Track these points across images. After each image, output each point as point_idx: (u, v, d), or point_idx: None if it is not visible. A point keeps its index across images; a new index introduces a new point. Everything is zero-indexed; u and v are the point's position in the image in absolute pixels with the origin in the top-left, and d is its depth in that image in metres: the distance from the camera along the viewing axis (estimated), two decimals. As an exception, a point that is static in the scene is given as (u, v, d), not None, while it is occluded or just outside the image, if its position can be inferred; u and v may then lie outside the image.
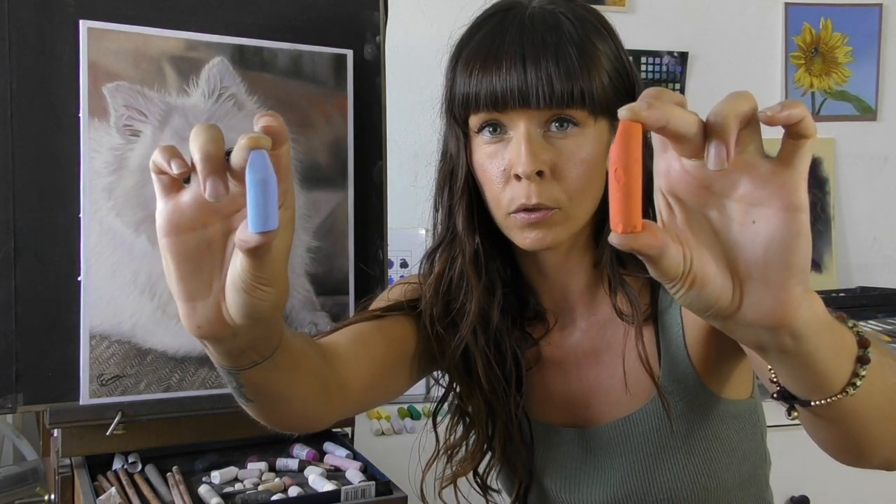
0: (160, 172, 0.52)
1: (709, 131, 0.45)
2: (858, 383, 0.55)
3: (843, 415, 0.57)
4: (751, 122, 0.46)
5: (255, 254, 0.50)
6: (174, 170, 0.50)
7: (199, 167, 0.49)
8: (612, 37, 0.84)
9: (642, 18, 2.36)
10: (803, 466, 1.32)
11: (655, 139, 0.49)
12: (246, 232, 0.49)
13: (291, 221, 0.54)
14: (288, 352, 0.63)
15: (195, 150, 0.49)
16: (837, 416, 0.57)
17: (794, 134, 0.45)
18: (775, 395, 0.60)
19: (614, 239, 0.45)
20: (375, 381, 0.83)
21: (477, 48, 0.81)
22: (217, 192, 0.49)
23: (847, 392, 0.55)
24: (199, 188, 0.50)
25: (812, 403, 0.56)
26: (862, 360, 0.55)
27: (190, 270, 0.53)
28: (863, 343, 0.56)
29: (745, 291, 0.48)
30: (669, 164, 0.48)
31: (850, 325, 0.57)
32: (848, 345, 0.55)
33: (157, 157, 0.51)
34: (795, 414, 0.60)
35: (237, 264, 0.52)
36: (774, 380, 0.59)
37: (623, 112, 0.44)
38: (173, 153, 0.51)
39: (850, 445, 0.61)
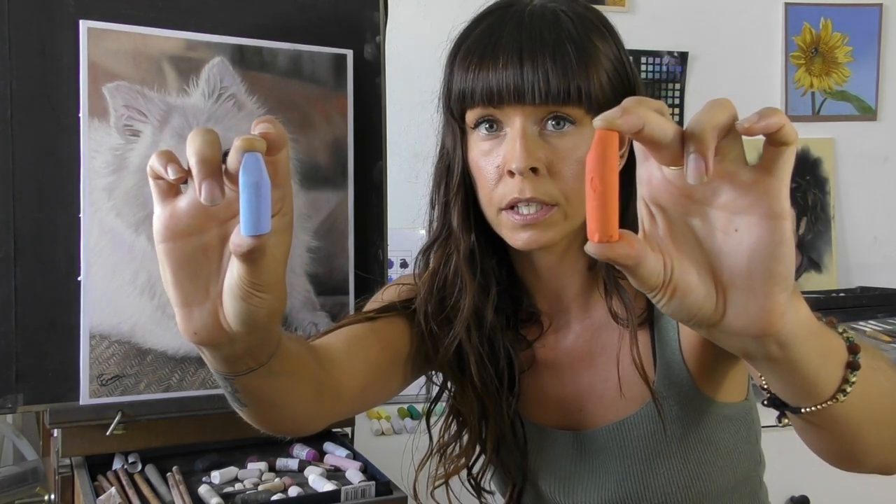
0: (157, 177, 0.52)
1: (687, 143, 0.44)
2: (849, 389, 0.54)
3: (836, 421, 0.56)
4: (731, 131, 0.45)
5: (250, 258, 0.50)
6: (171, 175, 0.50)
7: (194, 170, 0.49)
8: (612, 36, 0.83)
9: (642, 18, 2.36)
10: (803, 466, 1.31)
11: (637, 148, 0.48)
12: (239, 236, 0.49)
13: (289, 228, 0.53)
14: (284, 358, 0.63)
15: (191, 153, 0.49)
16: (829, 422, 0.56)
17: (774, 141, 0.44)
18: (766, 402, 0.59)
19: (590, 248, 0.45)
20: (370, 383, 0.83)
21: (475, 44, 0.81)
22: (213, 196, 0.48)
23: (837, 399, 0.54)
24: (196, 193, 0.49)
25: (802, 410, 0.56)
26: (852, 366, 0.54)
27: (187, 276, 0.53)
28: (853, 349, 0.55)
29: (729, 300, 0.48)
30: (651, 173, 0.48)
31: (840, 330, 0.56)
32: (837, 351, 0.55)
33: (153, 163, 0.51)
34: (787, 420, 0.59)
35: (233, 271, 0.52)
36: (765, 387, 0.59)
37: (598, 121, 0.44)
38: (170, 158, 0.51)
39: (845, 451, 0.61)
